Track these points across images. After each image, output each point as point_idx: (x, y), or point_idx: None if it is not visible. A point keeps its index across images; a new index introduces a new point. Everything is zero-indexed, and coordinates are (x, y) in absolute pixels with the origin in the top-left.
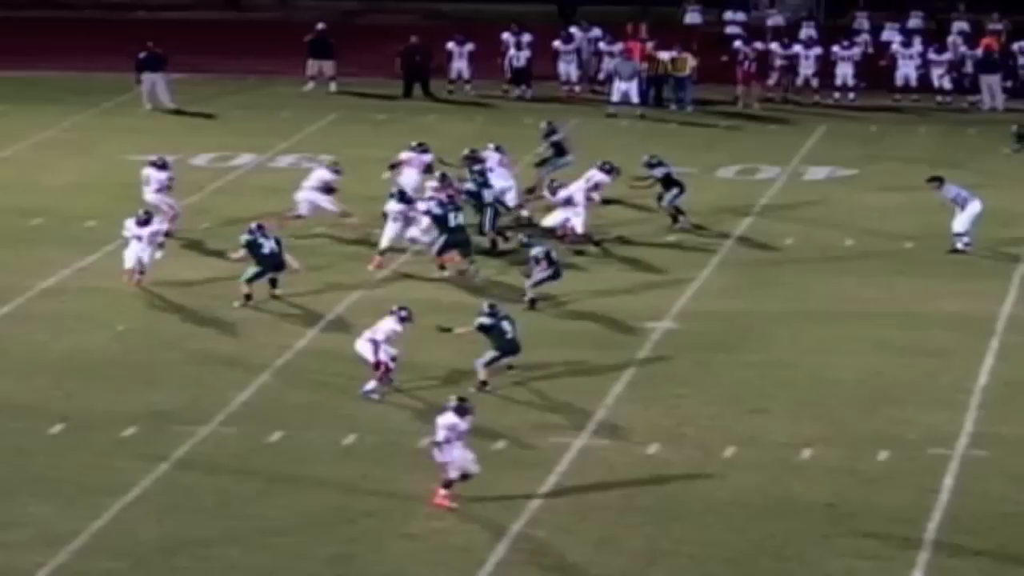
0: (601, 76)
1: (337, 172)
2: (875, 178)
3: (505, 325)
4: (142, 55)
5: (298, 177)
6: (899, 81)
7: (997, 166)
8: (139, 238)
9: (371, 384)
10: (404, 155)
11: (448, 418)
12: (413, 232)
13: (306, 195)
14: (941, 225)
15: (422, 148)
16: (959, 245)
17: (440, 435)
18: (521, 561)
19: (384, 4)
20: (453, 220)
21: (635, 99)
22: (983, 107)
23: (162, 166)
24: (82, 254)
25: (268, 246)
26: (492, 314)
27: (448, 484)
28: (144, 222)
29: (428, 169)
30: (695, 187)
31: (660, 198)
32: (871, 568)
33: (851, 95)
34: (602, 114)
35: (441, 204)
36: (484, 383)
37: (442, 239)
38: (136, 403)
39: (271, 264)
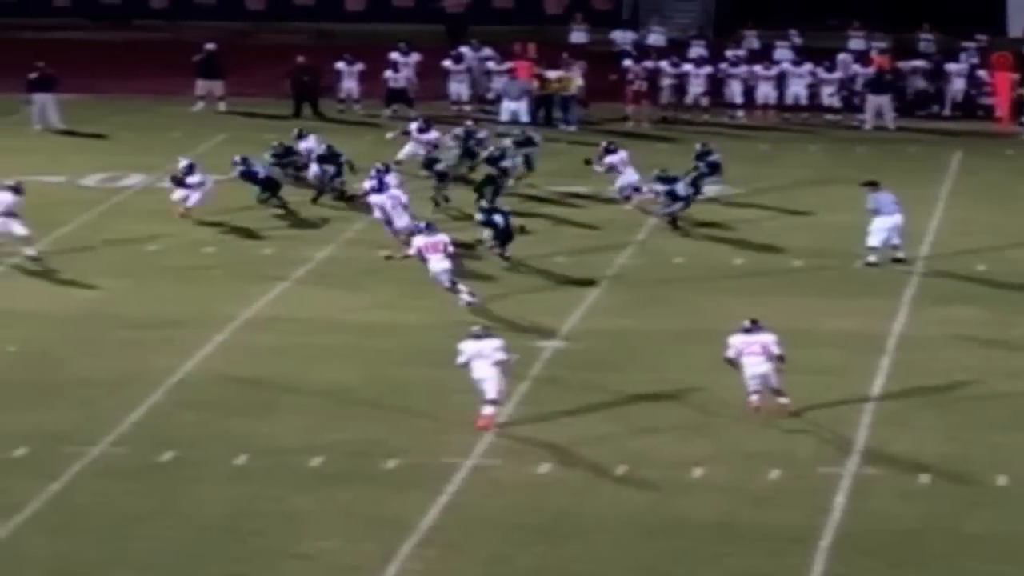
0: (491, 96)
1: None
2: (765, 196)
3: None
4: (32, 75)
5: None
6: (789, 99)
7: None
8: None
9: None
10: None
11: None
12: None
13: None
14: (830, 243)
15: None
16: (871, 259)
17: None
18: None
19: (274, 24)
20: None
21: (524, 118)
22: (866, 127)
23: (17, 190)
24: None
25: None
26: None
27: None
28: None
29: None
30: (582, 205)
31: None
32: None
33: (740, 113)
34: (491, 133)
35: None
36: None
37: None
38: (26, 423)
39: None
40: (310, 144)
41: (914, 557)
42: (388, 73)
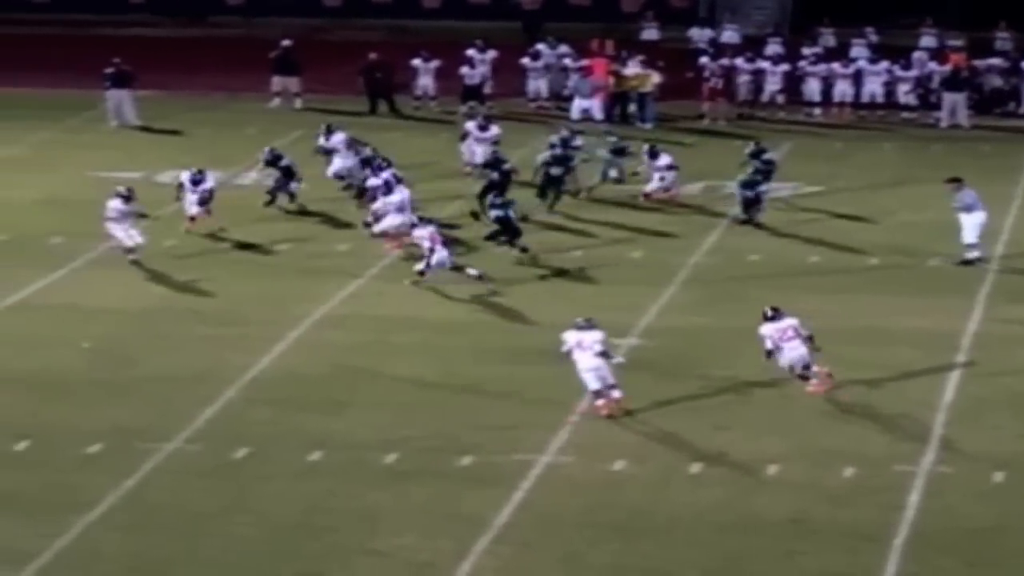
0: (567, 93)
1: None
2: (840, 194)
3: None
4: (109, 71)
5: (262, 193)
6: (865, 97)
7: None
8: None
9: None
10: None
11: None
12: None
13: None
14: (905, 242)
15: None
16: (970, 256)
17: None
18: None
19: (350, 21)
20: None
21: (598, 116)
22: (942, 124)
23: (127, 198)
24: (48, 271)
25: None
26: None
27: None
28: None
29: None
30: (657, 208)
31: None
32: None
33: (816, 111)
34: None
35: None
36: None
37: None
38: (101, 420)
39: None
40: (338, 139)
41: (988, 555)
42: (464, 69)
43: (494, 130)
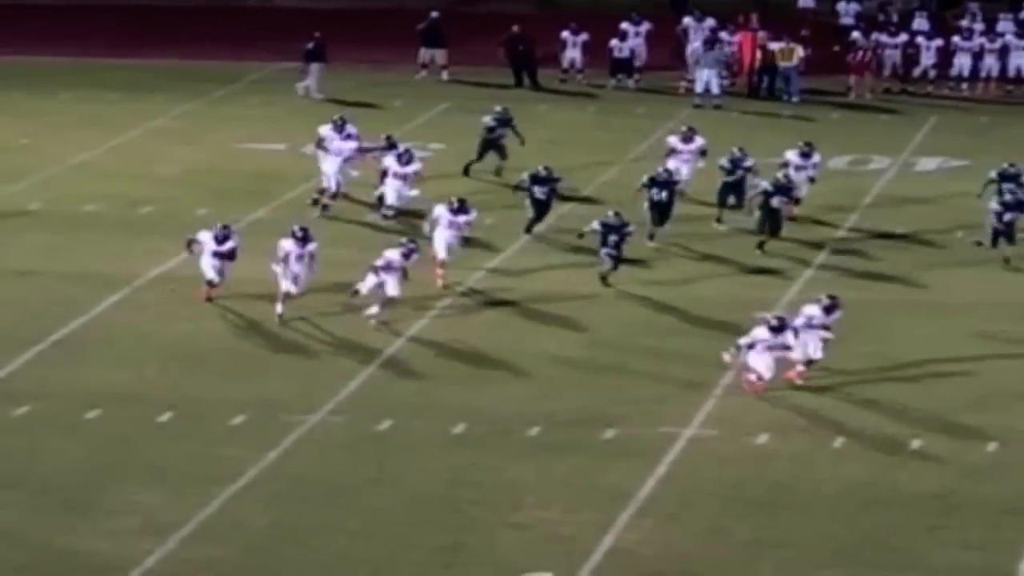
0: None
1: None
2: (987, 169)
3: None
4: (310, 45)
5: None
6: (1011, 72)
7: None
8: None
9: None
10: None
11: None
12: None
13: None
14: None
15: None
16: None
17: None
18: (628, 551)
19: None
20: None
21: (715, 90)
22: None
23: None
24: None
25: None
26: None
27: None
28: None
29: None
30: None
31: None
32: (978, 559)
33: (964, 86)
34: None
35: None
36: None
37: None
38: (245, 392)
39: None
40: (351, 132)
41: None
42: (614, 42)
43: (696, 143)
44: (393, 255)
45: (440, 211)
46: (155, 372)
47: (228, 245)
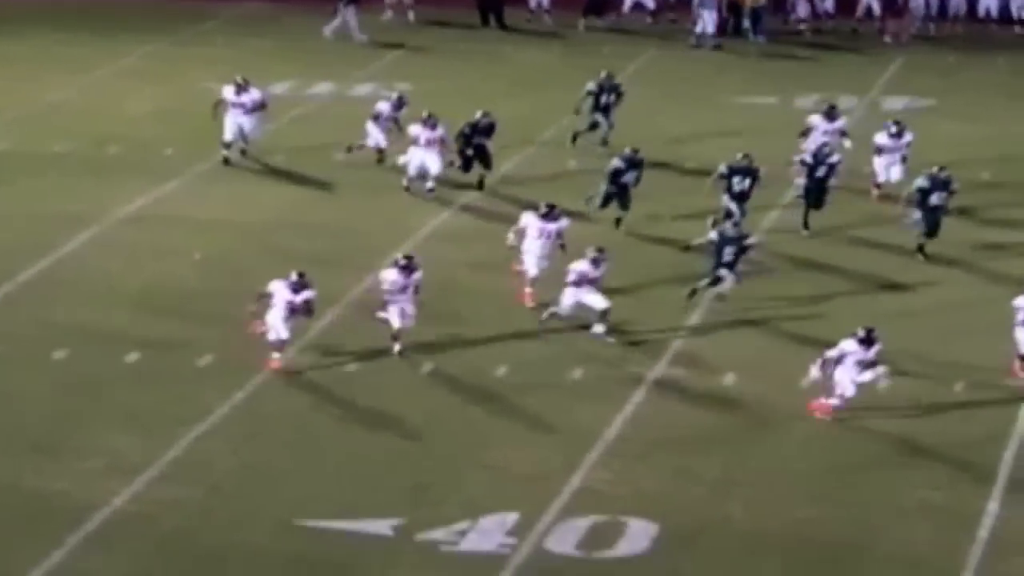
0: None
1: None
2: (953, 109)
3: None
4: None
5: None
6: (980, 12)
7: None
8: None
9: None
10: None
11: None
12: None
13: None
14: (1018, 156)
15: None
16: None
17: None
18: (596, 490)
19: None
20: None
21: (710, 29)
22: None
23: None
24: (160, 182)
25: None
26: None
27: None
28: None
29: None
30: (774, 116)
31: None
32: (945, 498)
33: (931, 26)
34: (682, 45)
35: None
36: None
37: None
38: (213, 333)
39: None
40: (253, 96)
41: None
42: None
43: (840, 122)
44: (583, 267)
45: (528, 219)
46: (124, 312)
47: (305, 295)
